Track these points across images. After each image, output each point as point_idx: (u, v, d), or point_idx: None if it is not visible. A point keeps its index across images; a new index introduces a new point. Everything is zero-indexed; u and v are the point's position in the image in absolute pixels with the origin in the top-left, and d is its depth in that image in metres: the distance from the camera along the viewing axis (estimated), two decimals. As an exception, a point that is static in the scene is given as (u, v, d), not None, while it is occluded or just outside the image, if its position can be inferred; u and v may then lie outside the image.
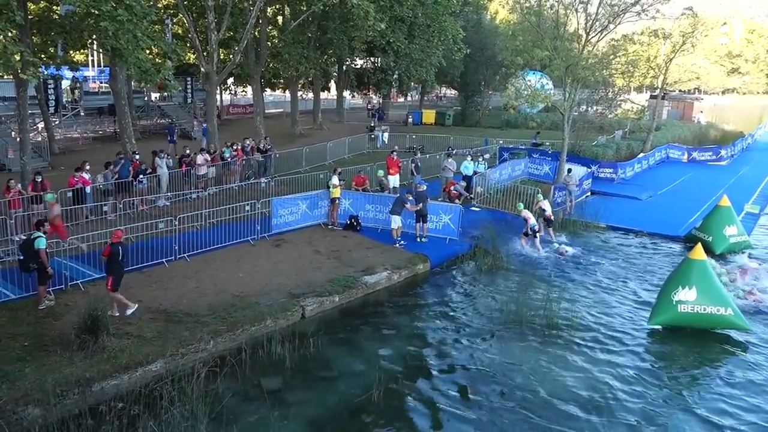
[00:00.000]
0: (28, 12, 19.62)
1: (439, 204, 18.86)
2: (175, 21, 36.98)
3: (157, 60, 28.14)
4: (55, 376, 9.71)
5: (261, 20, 31.29)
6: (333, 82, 52.51)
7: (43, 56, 21.07)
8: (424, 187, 18.21)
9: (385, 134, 35.43)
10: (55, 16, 21.81)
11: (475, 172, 22.85)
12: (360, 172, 21.32)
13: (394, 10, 32.09)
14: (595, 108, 31.41)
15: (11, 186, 15.96)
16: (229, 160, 22.66)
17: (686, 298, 12.86)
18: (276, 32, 38.08)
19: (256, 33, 31.66)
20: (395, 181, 22.17)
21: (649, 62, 37.27)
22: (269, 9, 35.71)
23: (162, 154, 20.75)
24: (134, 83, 37.21)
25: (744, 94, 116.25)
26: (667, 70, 36.18)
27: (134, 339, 11.05)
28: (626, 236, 20.03)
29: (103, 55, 36.61)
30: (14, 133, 25.40)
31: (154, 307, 12.49)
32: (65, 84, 34.05)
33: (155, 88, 40.51)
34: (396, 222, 17.36)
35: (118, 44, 17.25)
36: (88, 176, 18.18)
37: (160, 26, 32.63)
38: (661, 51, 37.65)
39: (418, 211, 17.46)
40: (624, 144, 34.47)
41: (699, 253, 13.24)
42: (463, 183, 22.24)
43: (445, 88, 74.56)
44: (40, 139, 28.51)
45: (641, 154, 32.75)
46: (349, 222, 18.56)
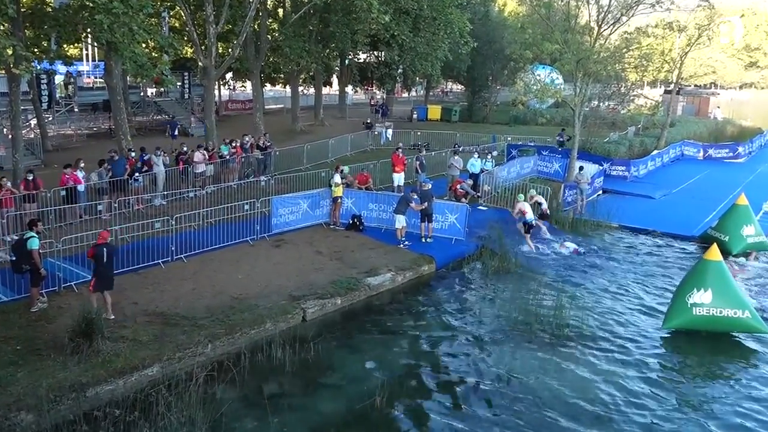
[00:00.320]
0: (21, 4, 19.65)
1: (445, 203, 18.85)
2: (172, 14, 37.02)
3: (154, 54, 28.20)
4: (49, 381, 9.73)
5: (261, 13, 31.33)
6: (335, 76, 52.60)
7: (36, 50, 21.09)
8: (430, 186, 18.20)
9: (389, 131, 35.42)
10: (49, 9, 21.83)
11: (483, 170, 22.83)
12: (363, 170, 21.32)
13: (399, 2, 32.03)
14: (607, 103, 31.25)
15: (3, 184, 15.98)
16: (227, 157, 22.69)
17: (702, 301, 12.83)
18: (276, 25, 38.10)
19: (256, 26, 31.70)
20: (400, 179, 22.17)
21: (663, 56, 37.06)
22: (269, 1, 35.77)
23: (158, 152, 20.79)
24: (130, 78, 37.18)
25: (762, 88, 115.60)
26: (682, 64, 36.09)
27: (130, 343, 11.07)
28: (639, 236, 20.00)
29: (97, 49, 36.65)
30: (6, 130, 25.50)
31: (150, 310, 12.51)
32: (59, 79, 34.11)
33: (151, 84, 40.48)
34: (400, 222, 17.36)
35: (113, 38, 17.30)
36: (82, 174, 18.24)
37: (157, 19, 32.72)
38: (676, 44, 37.50)
39: (423, 210, 17.45)
40: (637, 141, 34.43)
41: (714, 253, 13.20)
42: (470, 181, 22.23)
43: (451, 83, 74.45)
44: (32, 136, 28.57)
45: (655, 151, 32.72)
46: (351, 222, 18.57)
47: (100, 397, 9.82)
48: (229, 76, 51.01)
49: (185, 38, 35.93)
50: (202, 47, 25.81)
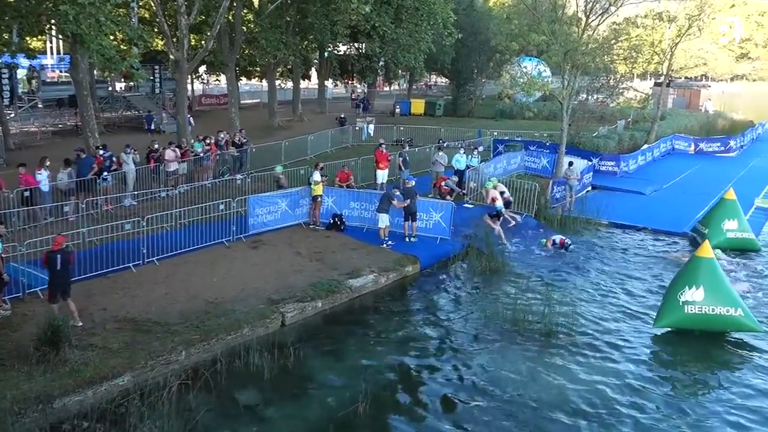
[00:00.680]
0: (-21, -5, 19.38)
1: (430, 201, 18.89)
2: (141, 4, 36.73)
3: (122, 47, 27.87)
4: (13, 393, 9.61)
5: (235, 3, 31.14)
6: (314, 70, 52.47)
7: (-4, 43, 20.87)
8: (413, 183, 18.23)
9: (371, 126, 35.39)
10: (10, -1, 21.58)
11: (468, 167, 22.91)
12: (344, 167, 21.30)
13: (380, -9, 32.10)
14: (596, 96, 31.54)
15: (-38, 185, 15.77)
16: (201, 155, 22.54)
17: (693, 299, 12.98)
18: (252, 16, 37.91)
19: (230, 17, 31.55)
20: (384, 176, 22.18)
21: (653, 47, 37.43)
22: (244, -9, 35.57)
23: (128, 149, 20.60)
24: (97, 72, 36.89)
25: (754, 80, 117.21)
26: (672, 56, 36.43)
27: (99, 351, 10.97)
28: (629, 233, 20.19)
29: (62, 41, 36.26)
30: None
31: (120, 316, 12.40)
32: (21, 73, 33.74)
33: (120, 78, 40.19)
34: (384, 221, 17.37)
35: (78, 30, 17.10)
36: (47, 174, 18.01)
37: (125, 10, 32.40)
38: (666, 35, 37.88)
39: (407, 208, 17.48)
40: (627, 135, 34.69)
41: (707, 250, 13.38)
42: (455, 178, 22.28)
43: (435, 76, 74.67)
44: (-7, 133, 28.19)
45: (645, 146, 32.99)
46: (332, 221, 18.55)
47: (68, 409, 9.72)
48: (202, 69, 50.72)
49: (156, 30, 35.68)
50: (174, 39, 25.60)
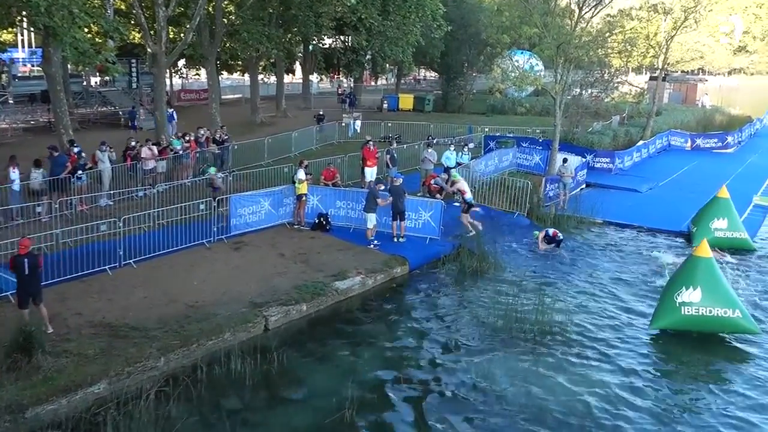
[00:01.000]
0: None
1: (419, 200, 18.90)
2: (117, -5, 36.55)
3: (97, 40, 27.82)
4: (-18, 402, 9.53)
5: (215, -6, 31.06)
6: (298, 64, 52.34)
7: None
8: (401, 181, 18.23)
9: (357, 122, 35.38)
10: (-22, -10, 21.37)
11: (458, 164, 22.94)
12: (330, 165, 21.28)
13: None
14: (590, 91, 31.73)
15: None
16: (180, 152, 22.43)
17: (690, 300, 13.10)
18: (233, 7, 37.73)
19: (211, 8, 31.42)
20: (372, 174, 22.15)
21: (648, 40, 37.69)
22: (225, -19, 35.45)
23: (104, 147, 20.46)
24: (71, 66, 36.58)
25: (752, 74, 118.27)
26: (668, 49, 36.69)
27: (74, 357, 10.90)
28: (625, 232, 20.32)
29: (34, 34, 35.96)
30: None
31: (96, 321, 12.32)
32: (-9, 68, 33.42)
33: (95, 72, 39.92)
34: (372, 220, 17.36)
35: (51, 22, 16.98)
36: (17, 172, 17.83)
37: (100, 1, 32.19)
38: (662, 28, 38.13)
39: (395, 207, 17.48)
40: (622, 131, 34.93)
41: (704, 249, 13.47)
42: (445, 175, 22.30)
43: (424, 71, 74.69)
44: (-38, 130, 27.97)
45: (641, 142, 33.23)
46: (317, 221, 18.52)
47: (41, 418, 9.64)
48: (181, 63, 50.39)
49: (132, 22, 35.44)
50: (151, 32, 25.47)
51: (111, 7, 34.41)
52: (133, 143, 21.90)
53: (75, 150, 20.18)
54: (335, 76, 61.96)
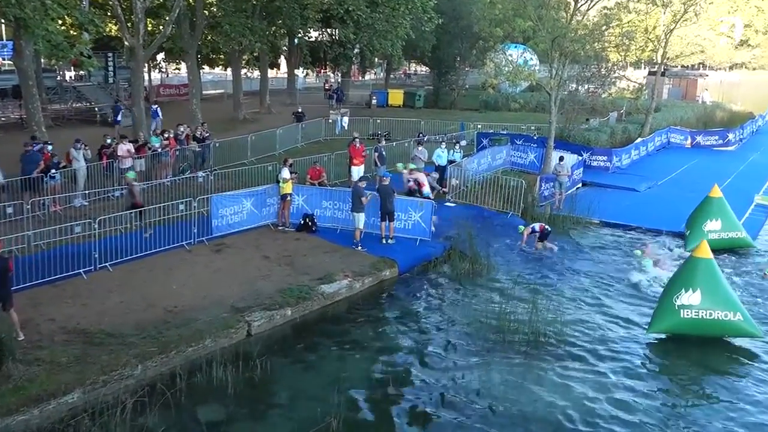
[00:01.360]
0: None
1: (408, 199, 18.93)
2: (92, -15, 36.32)
3: (72, 32, 27.61)
4: (-51, 413, 9.48)
5: (196, -16, 31.01)
6: (283, 58, 52.31)
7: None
8: (389, 180, 18.23)
9: (345, 118, 35.38)
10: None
11: (450, 162, 23.00)
12: (316, 164, 21.27)
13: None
14: (587, 86, 31.89)
15: None
16: (159, 150, 22.36)
17: (690, 302, 13.16)
18: (214, -1, 37.72)
19: None
20: (359, 173, 22.16)
21: (646, 34, 37.95)
22: (206, -29, 35.35)
23: (78, 145, 20.35)
24: (44, 60, 36.39)
25: (754, 69, 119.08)
26: (668, 43, 36.92)
27: (46, 366, 10.84)
28: (622, 233, 20.41)
29: (4, 26, 35.71)
30: None
31: (70, 327, 12.27)
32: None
33: (70, 66, 39.71)
34: (360, 221, 17.35)
35: (22, 13, 16.90)
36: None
37: (75, -9, 32.02)
38: (661, 21, 38.38)
39: (384, 208, 17.49)
40: (619, 128, 35.11)
41: (704, 250, 13.54)
42: (436, 174, 22.37)
43: (415, 65, 74.87)
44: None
45: (639, 139, 33.42)
46: (302, 222, 18.51)
47: (11, 429, 9.60)
48: (160, 57, 50.31)
49: (108, 14, 35.25)
50: (129, 24, 25.40)
51: (86, -3, 34.23)
52: (109, 141, 21.83)
53: (35, 147, 20.00)
54: (322, 71, 62.00)
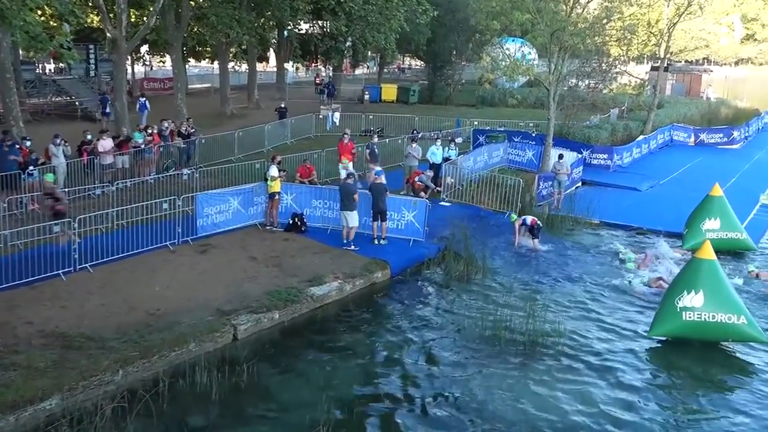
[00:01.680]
0: None
1: (402, 198, 18.95)
2: (73, -26, 36.20)
3: (51, 23, 27.56)
4: None
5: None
6: (272, 51, 52.23)
7: None
8: (383, 178, 18.25)
9: (336, 114, 35.38)
10: None
11: (446, 159, 23.02)
12: (306, 161, 21.28)
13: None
14: (587, 82, 31.92)
15: None
16: (142, 146, 22.33)
17: (692, 305, 13.18)
18: (200, -11, 37.66)
19: (176, -10, 31.24)
20: (347, 169, 22.15)
21: (649, 27, 38.00)
22: (191, -40, 35.30)
23: (58, 140, 20.32)
24: (22, 52, 36.25)
25: (761, 64, 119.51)
26: (671, 37, 37.00)
27: (23, 371, 10.82)
28: (623, 234, 20.46)
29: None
30: None
31: (48, 331, 12.24)
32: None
33: (49, 59, 39.58)
34: (353, 220, 17.33)
35: (-1, 3, 16.80)
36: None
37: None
38: (664, 14, 38.45)
39: (376, 207, 17.50)
40: (621, 125, 35.17)
41: (707, 251, 13.57)
42: (430, 173, 22.38)
43: (409, 59, 74.92)
44: None
45: (641, 137, 33.47)
46: (291, 222, 18.51)
47: (-15, 438, 9.59)
48: (144, 49, 50.17)
49: (90, 4, 35.16)
50: (111, 15, 25.34)
51: (66, -13, 34.13)
52: (90, 137, 21.78)
53: (8, 141, 19.94)
54: (312, 65, 61.94)
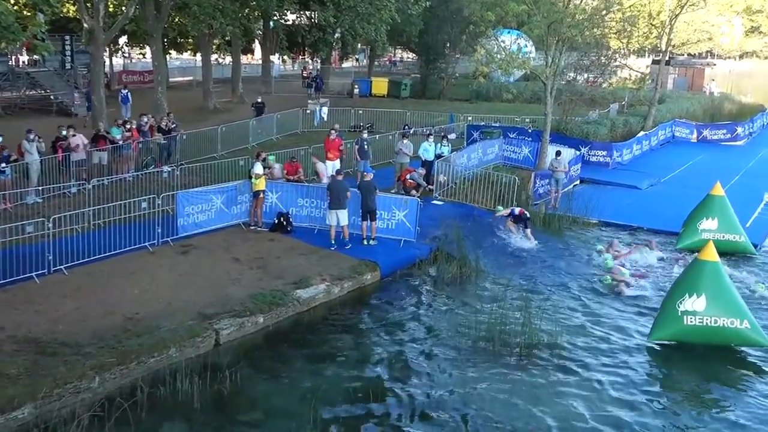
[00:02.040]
0: None
1: (392, 197, 18.97)
2: (48, -38, 36.02)
3: (25, 13, 27.36)
4: None
5: (161, -38, 30.84)
6: (257, 42, 52.13)
7: None
8: (372, 176, 18.26)
9: (324, 109, 35.38)
10: None
11: (438, 156, 23.03)
12: (292, 159, 21.25)
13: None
14: (585, 76, 32.04)
15: None
16: (120, 142, 22.24)
17: (694, 308, 13.27)
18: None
19: (156, -22, 31.13)
20: (333, 168, 22.11)
21: (650, 19, 38.17)
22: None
23: (31, 136, 20.21)
24: (-6, 43, 36.04)
25: (765, 58, 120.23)
26: (673, 30, 37.15)
27: (-7, 378, 10.78)
28: (622, 234, 20.53)
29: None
30: None
31: (20, 336, 12.19)
32: None
33: (22, 50, 39.35)
34: (345, 218, 17.30)
35: (-32, -8, 16.69)
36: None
37: (28, -32, 31.78)
38: (666, 5, 38.61)
39: (365, 206, 17.51)
40: (620, 120, 35.33)
41: (710, 253, 13.65)
42: (422, 170, 22.39)
43: (401, 51, 74.94)
44: None
45: (641, 133, 33.63)
46: (277, 221, 18.50)
47: (-46, 448, 9.54)
48: (122, 41, 49.99)
49: (65, -7, 35.09)
50: (88, 4, 25.21)
51: (41, -25, 33.96)
52: (64, 132, 21.67)
53: None
54: (299, 57, 61.86)
